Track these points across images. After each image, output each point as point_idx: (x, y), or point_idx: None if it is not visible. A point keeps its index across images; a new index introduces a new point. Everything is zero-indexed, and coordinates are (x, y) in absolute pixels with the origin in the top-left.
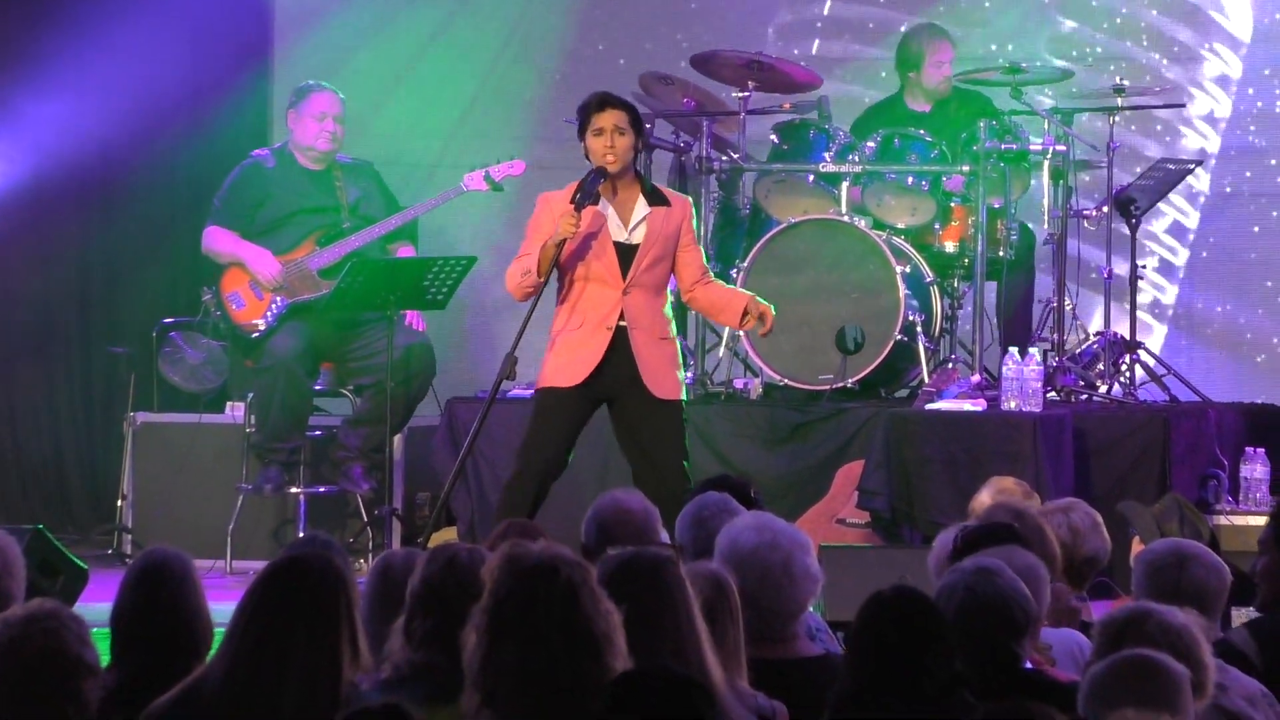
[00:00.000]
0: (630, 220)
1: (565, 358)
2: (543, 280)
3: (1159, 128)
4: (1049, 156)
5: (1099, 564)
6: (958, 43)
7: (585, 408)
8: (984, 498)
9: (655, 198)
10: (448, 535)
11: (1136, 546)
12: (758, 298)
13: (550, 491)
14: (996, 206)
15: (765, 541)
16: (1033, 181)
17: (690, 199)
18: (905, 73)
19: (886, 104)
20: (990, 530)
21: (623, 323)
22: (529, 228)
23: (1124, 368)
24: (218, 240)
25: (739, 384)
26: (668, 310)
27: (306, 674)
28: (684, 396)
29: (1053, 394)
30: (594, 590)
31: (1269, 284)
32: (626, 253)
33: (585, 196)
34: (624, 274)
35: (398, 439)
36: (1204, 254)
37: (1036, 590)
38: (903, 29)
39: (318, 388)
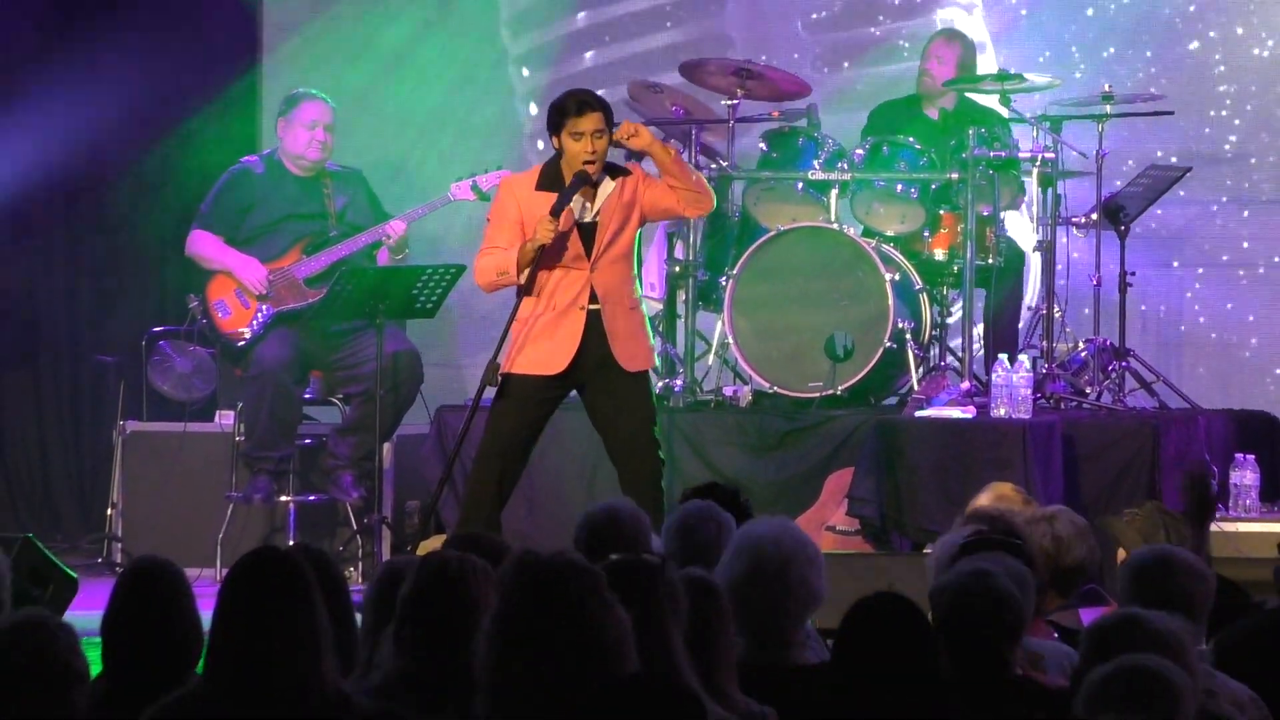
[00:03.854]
0: (597, 202)
1: (542, 344)
2: (519, 282)
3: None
4: (1038, 164)
5: (1085, 572)
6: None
7: (559, 395)
8: (982, 502)
9: (615, 171)
10: (436, 543)
11: (1123, 553)
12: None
13: (538, 498)
14: (985, 214)
15: (788, 544)
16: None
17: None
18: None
19: (904, 103)
20: (990, 540)
21: (594, 305)
22: (492, 214)
23: (1113, 374)
24: (203, 245)
25: (728, 391)
26: (635, 276)
27: (290, 660)
28: (656, 364)
29: (1042, 401)
30: (604, 597)
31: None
32: (589, 231)
33: (564, 202)
34: (588, 253)
35: (387, 447)
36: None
37: (1024, 597)
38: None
39: (307, 396)
